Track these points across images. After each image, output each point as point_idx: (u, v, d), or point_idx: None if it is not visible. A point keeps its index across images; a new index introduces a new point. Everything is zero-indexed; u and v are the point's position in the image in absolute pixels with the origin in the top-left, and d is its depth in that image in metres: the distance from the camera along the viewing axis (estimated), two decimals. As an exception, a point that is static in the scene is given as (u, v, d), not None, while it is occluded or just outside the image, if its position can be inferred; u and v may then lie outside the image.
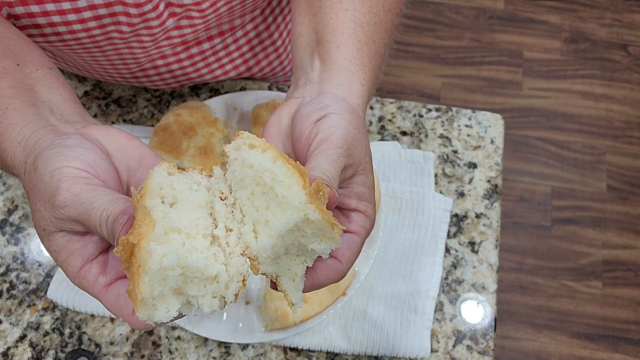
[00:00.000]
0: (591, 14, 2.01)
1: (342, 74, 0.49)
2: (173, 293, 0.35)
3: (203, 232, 0.36)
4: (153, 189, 0.36)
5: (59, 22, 0.58)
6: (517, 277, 1.63)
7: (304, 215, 0.35)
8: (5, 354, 0.70)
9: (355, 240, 0.42)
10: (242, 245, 0.37)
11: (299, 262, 0.39)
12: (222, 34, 0.75)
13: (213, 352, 0.69)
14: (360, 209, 0.43)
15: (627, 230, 1.68)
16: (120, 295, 0.38)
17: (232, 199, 0.39)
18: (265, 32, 0.81)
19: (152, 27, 0.63)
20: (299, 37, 0.55)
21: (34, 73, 0.49)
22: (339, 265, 0.41)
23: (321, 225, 0.36)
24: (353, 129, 0.43)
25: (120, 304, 0.38)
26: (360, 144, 0.43)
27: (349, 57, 0.50)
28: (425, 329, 0.69)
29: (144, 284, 0.33)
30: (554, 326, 1.57)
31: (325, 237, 0.37)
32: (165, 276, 0.34)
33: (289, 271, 0.39)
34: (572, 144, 1.81)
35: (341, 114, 0.43)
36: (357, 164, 0.42)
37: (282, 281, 0.39)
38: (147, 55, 0.70)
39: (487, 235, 0.75)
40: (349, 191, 0.43)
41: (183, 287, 0.35)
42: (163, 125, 0.73)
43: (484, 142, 0.81)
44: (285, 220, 0.35)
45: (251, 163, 0.37)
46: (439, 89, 1.88)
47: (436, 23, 1.99)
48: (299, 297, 0.39)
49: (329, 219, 0.36)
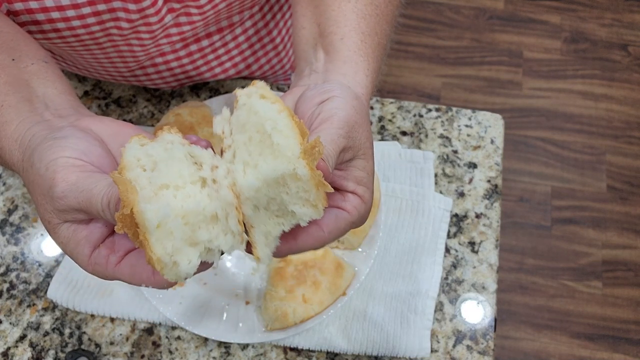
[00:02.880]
0: (591, 14, 2.01)
1: (347, 64, 0.49)
2: (188, 244, 0.35)
3: (190, 179, 0.36)
4: (130, 163, 0.36)
5: (57, 18, 0.58)
6: (517, 277, 1.63)
7: (293, 169, 0.35)
8: (5, 354, 0.70)
9: (345, 216, 0.41)
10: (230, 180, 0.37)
11: (276, 223, 0.38)
12: (220, 31, 0.75)
13: (213, 352, 0.69)
14: (357, 192, 0.42)
15: (627, 230, 1.68)
16: (135, 264, 0.38)
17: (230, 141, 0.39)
18: (264, 29, 0.81)
19: (151, 24, 0.63)
20: (300, 29, 0.56)
21: (29, 67, 0.49)
22: (321, 233, 0.40)
23: (307, 186, 0.36)
24: (355, 113, 0.42)
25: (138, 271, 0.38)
26: (361, 128, 0.43)
27: (352, 49, 0.50)
28: (425, 329, 0.69)
29: (154, 245, 0.33)
30: (554, 326, 1.57)
31: (308, 201, 0.37)
32: (170, 230, 0.34)
33: (263, 227, 0.38)
34: (572, 144, 1.81)
35: (345, 98, 0.43)
36: (357, 148, 0.42)
37: (254, 232, 0.38)
38: (146, 53, 0.70)
39: (487, 235, 0.75)
40: (348, 174, 0.42)
41: (194, 237, 0.35)
42: (163, 125, 0.73)
43: (484, 142, 0.81)
44: (274, 167, 0.35)
45: (257, 110, 0.37)
46: (439, 89, 1.88)
47: (436, 23, 1.99)
48: (267, 254, 0.39)
49: (317, 177, 0.35)
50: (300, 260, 0.67)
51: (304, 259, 0.67)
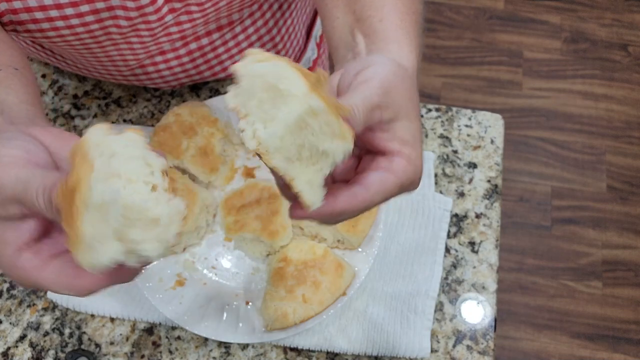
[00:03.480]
0: (591, 14, 2.01)
1: (390, 44, 0.48)
2: (116, 238, 0.35)
3: (143, 179, 0.36)
4: (90, 145, 0.36)
5: (56, 16, 0.58)
6: (517, 277, 1.63)
7: (308, 106, 0.35)
8: (5, 354, 0.70)
9: (389, 178, 0.39)
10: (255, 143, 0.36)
11: (315, 170, 0.37)
12: (220, 29, 0.75)
13: (213, 352, 0.69)
14: (403, 152, 0.39)
15: (627, 230, 1.68)
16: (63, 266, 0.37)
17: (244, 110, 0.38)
18: (263, 28, 0.81)
19: (151, 22, 0.64)
20: (334, 20, 0.55)
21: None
22: (364, 193, 0.38)
23: (327, 118, 0.35)
24: (395, 77, 0.41)
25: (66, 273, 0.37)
26: (403, 92, 0.41)
27: (393, 28, 0.49)
28: (425, 329, 0.69)
29: (85, 222, 0.33)
30: (554, 326, 1.57)
31: (335, 135, 0.36)
32: (107, 215, 0.34)
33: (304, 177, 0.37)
34: (572, 143, 1.81)
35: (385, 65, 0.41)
36: (398, 108, 0.40)
37: (297, 183, 0.37)
38: (146, 51, 0.70)
39: (487, 235, 0.75)
40: (391, 135, 0.40)
41: (125, 232, 0.35)
42: (163, 125, 0.73)
43: (484, 142, 0.81)
44: (289, 111, 0.35)
45: (258, 72, 0.37)
46: (439, 89, 1.88)
47: (436, 23, 1.99)
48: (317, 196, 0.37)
49: (332, 103, 0.35)
50: (300, 260, 0.67)
51: (304, 259, 0.67)
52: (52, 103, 0.85)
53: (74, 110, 0.85)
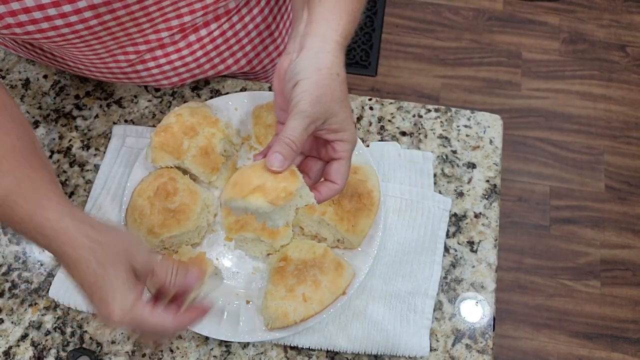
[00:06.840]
0: (590, 15, 2.01)
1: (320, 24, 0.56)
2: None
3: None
4: None
5: (55, 15, 0.59)
6: (516, 277, 1.63)
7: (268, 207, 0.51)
8: (7, 353, 0.70)
9: (341, 163, 0.55)
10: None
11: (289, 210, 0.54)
12: (217, 19, 0.75)
13: (214, 351, 0.70)
14: (339, 139, 0.54)
15: (626, 230, 1.69)
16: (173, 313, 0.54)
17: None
18: (262, 24, 0.82)
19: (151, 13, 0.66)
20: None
21: None
22: (334, 183, 0.55)
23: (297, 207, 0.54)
24: (317, 88, 0.52)
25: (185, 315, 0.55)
26: (325, 96, 0.52)
27: (328, 8, 0.57)
28: (425, 328, 0.69)
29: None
30: (552, 325, 1.57)
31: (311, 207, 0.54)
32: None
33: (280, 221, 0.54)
34: (571, 144, 1.81)
35: (309, 79, 0.52)
36: (326, 112, 0.52)
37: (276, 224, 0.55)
38: (146, 41, 0.71)
39: (486, 234, 0.76)
40: (326, 130, 0.54)
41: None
42: (164, 125, 0.73)
43: (483, 143, 0.81)
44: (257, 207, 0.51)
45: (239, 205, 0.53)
46: (438, 90, 1.88)
47: (435, 24, 1.99)
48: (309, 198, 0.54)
49: (277, 195, 0.51)
50: (300, 259, 0.68)
51: (304, 259, 0.68)
52: (53, 103, 0.86)
53: (75, 110, 0.85)
